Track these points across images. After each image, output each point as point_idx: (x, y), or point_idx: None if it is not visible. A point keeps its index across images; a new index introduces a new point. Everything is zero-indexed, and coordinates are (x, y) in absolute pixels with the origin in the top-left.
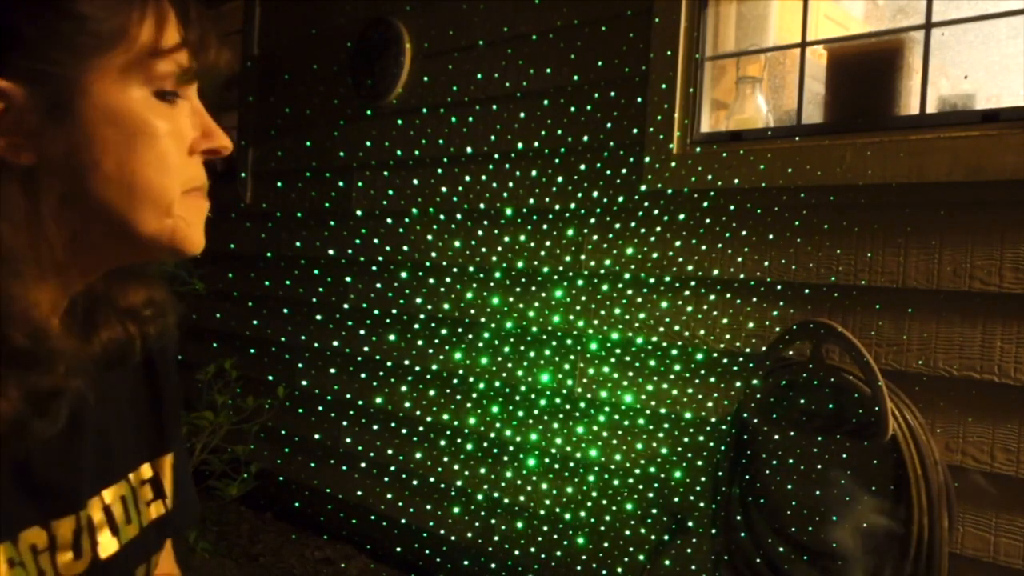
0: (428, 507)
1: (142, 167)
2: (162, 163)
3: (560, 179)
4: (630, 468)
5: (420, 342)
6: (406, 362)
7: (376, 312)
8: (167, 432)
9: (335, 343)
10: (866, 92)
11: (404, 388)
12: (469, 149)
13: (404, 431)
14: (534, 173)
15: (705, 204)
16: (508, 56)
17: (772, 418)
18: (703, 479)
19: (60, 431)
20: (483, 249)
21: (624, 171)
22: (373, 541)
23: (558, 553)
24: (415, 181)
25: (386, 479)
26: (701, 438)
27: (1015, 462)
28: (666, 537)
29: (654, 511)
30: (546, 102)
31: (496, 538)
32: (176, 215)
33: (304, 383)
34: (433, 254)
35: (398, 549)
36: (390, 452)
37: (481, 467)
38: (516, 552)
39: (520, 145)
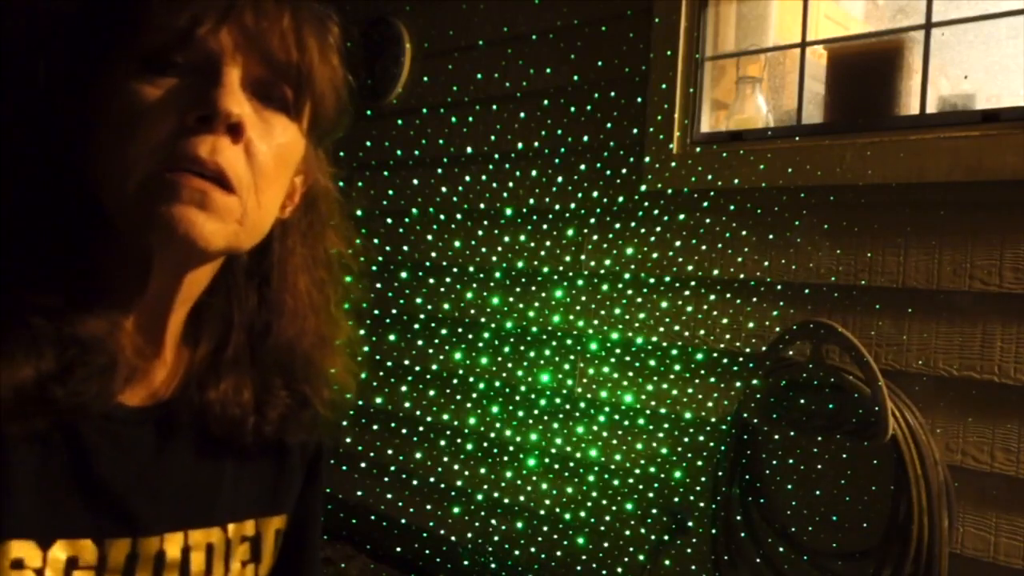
0: (428, 507)
1: (110, 140)
2: (132, 136)
3: (560, 179)
4: (630, 468)
5: (420, 342)
6: (406, 362)
7: (376, 312)
8: (281, 494)
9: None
10: (866, 92)
11: (404, 388)
12: (469, 149)
13: (404, 431)
14: (534, 173)
15: (705, 204)
16: (508, 56)
17: (772, 418)
18: (703, 479)
19: (140, 451)
20: (483, 249)
21: (624, 171)
22: (373, 541)
23: (558, 553)
24: (415, 181)
25: (386, 479)
26: (701, 438)
27: (1015, 462)
28: (666, 537)
29: (654, 511)
30: (546, 102)
31: (496, 538)
32: (136, 191)
33: None
34: (433, 254)
35: (398, 549)
36: (390, 452)
37: (481, 467)
38: (516, 552)
39: (520, 145)
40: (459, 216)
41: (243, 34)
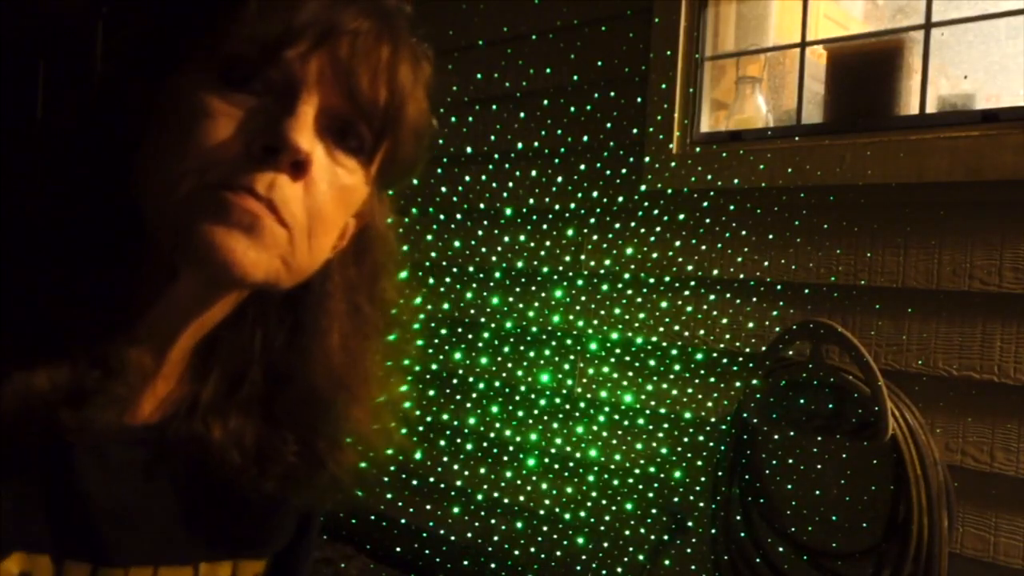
0: (428, 507)
1: (170, 147)
2: (191, 147)
3: (560, 179)
4: (630, 468)
5: (420, 342)
6: (406, 362)
7: None
8: (266, 539)
9: None
10: (866, 92)
11: (405, 388)
12: (469, 149)
13: (404, 431)
14: (534, 173)
15: (705, 204)
16: (508, 56)
17: (772, 418)
18: (703, 479)
19: (122, 475)
20: (483, 249)
21: (624, 171)
22: (373, 541)
23: (558, 553)
24: (415, 181)
25: (386, 479)
26: (701, 438)
27: (1015, 462)
28: (666, 537)
29: (654, 511)
30: (546, 102)
31: (496, 538)
32: (181, 204)
33: None
34: (433, 254)
35: (398, 549)
36: (390, 452)
37: (481, 467)
38: (516, 552)
39: (520, 145)
40: (459, 216)
41: (333, 64)
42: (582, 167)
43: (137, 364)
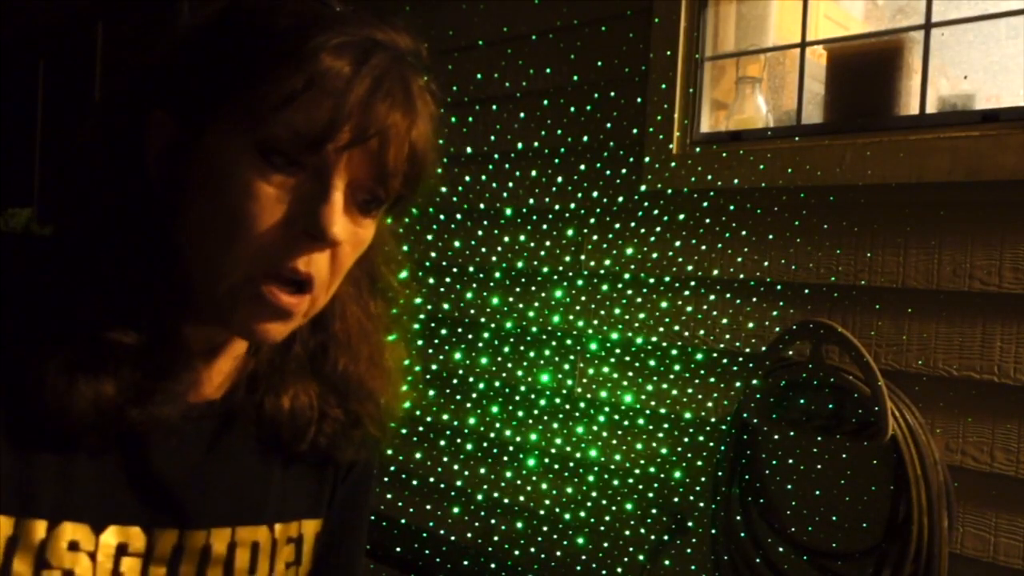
0: (428, 507)
1: (212, 222)
2: (230, 226)
3: (560, 179)
4: (630, 468)
5: (420, 342)
6: (406, 362)
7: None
8: (320, 498)
9: None
10: (866, 92)
11: (404, 388)
12: (469, 149)
13: (404, 431)
14: (534, 173)
15: (705, 204)
16: (508, 56)
17: (772, 418)
18: (703, 479)
19: (193, 447)
20: (483, 249)
21: (624, 171)
22: (373, 541)
23: (558, 553)
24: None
25: (386, 479)
26: (701, 438)
27: (1015, 462)
28: (666, 537)
29: (654, 511)
30: (546, 102)
31: (496, 538)
32: (228, 293)
33: None
34: (433, 254)
35: (398, 549)
36: (391, 452)
37: (481, 467)
38: (516, 552)
39: (520, 145)
40: (459, 216)
41: (364, 151)
42: (582, 167)
43: (191, 364)
